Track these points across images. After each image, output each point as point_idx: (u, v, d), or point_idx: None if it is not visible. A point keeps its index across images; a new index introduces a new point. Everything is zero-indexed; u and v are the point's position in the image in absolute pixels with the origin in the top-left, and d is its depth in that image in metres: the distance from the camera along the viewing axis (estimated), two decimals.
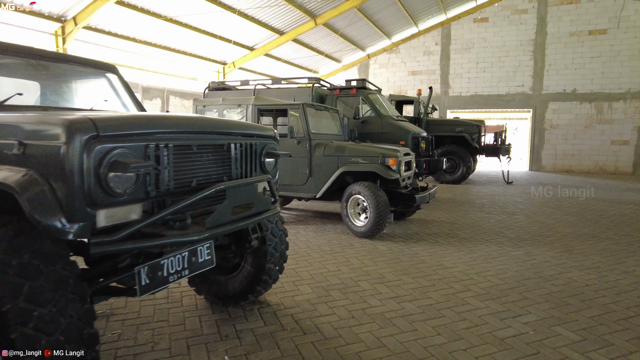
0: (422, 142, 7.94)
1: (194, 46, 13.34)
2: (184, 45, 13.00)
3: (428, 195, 5.71)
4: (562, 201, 8.81)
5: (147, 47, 11.96)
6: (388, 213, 5.29)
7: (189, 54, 13.53)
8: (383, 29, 16.74)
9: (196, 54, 13.85)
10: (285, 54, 16.15)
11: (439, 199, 8.88)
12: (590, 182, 12.59)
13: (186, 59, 13.75)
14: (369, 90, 8.36)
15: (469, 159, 11.37)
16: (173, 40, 12.43)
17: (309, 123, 5.83)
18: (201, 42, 13.09)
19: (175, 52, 12.96)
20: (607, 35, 15.25)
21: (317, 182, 5.82)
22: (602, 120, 15.51)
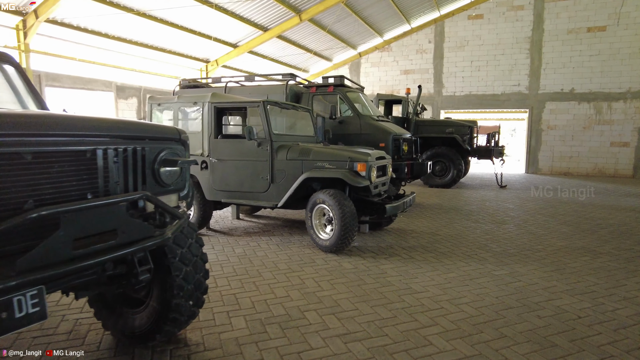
0: (404, 144, 7.30)
1: (174, 43, 12.72)
2: (162, 42, 12.38)
3: (402, 205, 5.07)
4: (558, 208, 8.17)
5: (121, 44, 11.34)
6: (355, 225, 4.65)
7: (168, 51, 12.90)
8: (374, 26, 16.12)
9: (176, 51, 13.23)
10: (272, 52, 15.53)
11: (424, 205, 8.25)
12: (589, 185, 11.95)
13: (166, 57, 13.13)
14: (347, 88, 7.73)
15: (460, 161, 10.73)
16: (149, 37, 11.81)
17: (270, 123, 5.20)
18: (181, 39, 12.47)
19: (153, 49, 12.33)
20: (606, 32, 14.62)
21: (280, 190, 5.18)
22: (601, 121, 14.88)
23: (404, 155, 7.33)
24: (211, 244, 5.33)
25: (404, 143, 7.30)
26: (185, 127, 5.80)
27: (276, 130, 5.40)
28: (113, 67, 11.77)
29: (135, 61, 12.41)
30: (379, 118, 7.53)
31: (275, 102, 5.49)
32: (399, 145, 7.11)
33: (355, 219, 4.62)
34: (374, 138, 7.13)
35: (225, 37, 13.43)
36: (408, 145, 7.44)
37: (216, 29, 12.57)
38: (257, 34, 13.57)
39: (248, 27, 13.07)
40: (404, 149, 7.25)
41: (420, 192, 10.13)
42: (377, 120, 7.41)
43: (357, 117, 7.29)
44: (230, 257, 4.76)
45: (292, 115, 6.24)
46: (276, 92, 7.64)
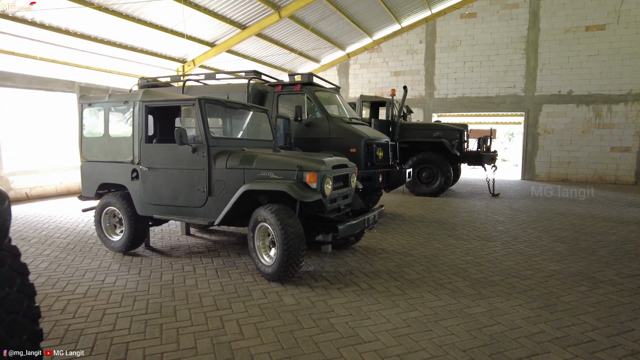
0: (379, 150, 6.48)
1: (145, 42, 11.93)
2: (132, 40, 11.59)
3: (362, 222, 4.23)
4: (553, 220, 7.33)
5: (85, 42, 10.55)
6: (303, 248, 3.82)
7: (139, 50, 12.11)
8: (361, 26, 15.35)
9: (149, 50, 12.43)
10: (253, 51, 14.75)
11: (404, 217, 7.42)
12: (588, 194, 11.11)
13: (137, 56, 12.33)
14: (317, 87, 6.93)
15: (448, 168, 9.91)
16: (117, 35, 11.02)
17: (206, 124, 4.38)
18: (152, 38, 11.69)
19: (121, 47, 11.54)
20: (605, 31, 13.84)
21: (219, 204, 4.35)
22: (601, 125, 14.07)
23: (379, 162, 6.50)
24: (139, 267, 4.50)
25: (379, 148, 6.47)
26: (117, 130, 4.98)
27: (216, 133, 4.59)
28: (76, 66, 10.98)
29: (102, 60, 11.62)
30: (352, 120, 6.71)
31: (217, 99, 4.67)
32: (372, 151, 6.29)
33: (302, 241, 3.79)
34: (344, 143, 6.31)
35: (201, 36, 12.64)
36: (384, 151, 6.62)
37: (190, 26, 11.79)
38: (235, 32, 12.80)
39: (225, 25, 12.29)
40: (378, 154, 6.43)
41: (404, 202, 9.29)
42: (349, 122, 6.59)
43: (325, 119, 6.48)
44: (152, 286, 3.93)
45: (244, 116, 5.43)
46: (238, 91, 6.86)
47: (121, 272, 4.39)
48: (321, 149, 6.47)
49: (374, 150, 6.28)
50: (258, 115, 5.55)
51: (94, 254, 5.07)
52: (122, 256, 4.97)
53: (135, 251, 5.16)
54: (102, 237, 5.14)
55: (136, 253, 5.10)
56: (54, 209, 8.11)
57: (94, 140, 5.19)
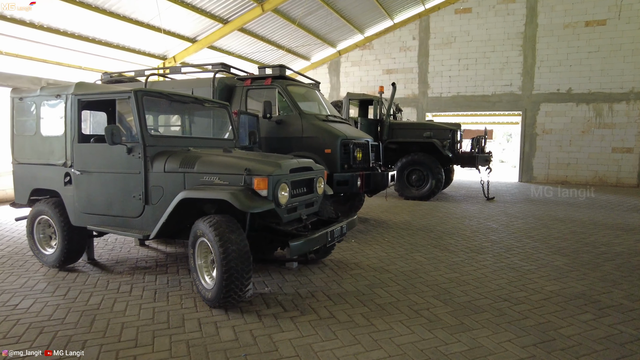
0: (358, 150, 5.82)
1: (122, 37, 11.28)
2: (107, 35, 10.94)
3: (325, 236, 3.57)
4: (551, 227, 6.68)
5: (53, 36, 9.89)
6: (248, 269, 3.17)
7: (115, 45, 11.45)
8: (352, 22, 14.72)
9: (126, 46, 11.78)
10: (238, 48, 14.09)
11: (388, 224, 6.76)
12: (589, 197, 10.47)
13: (114, 53, 11.68)
14: (290, 80, 6.28)
15: (439, 170, 9.26)
16: (89, 29, 10.37)
17: (143, 120, 3.72)
18: (129, 33, 11.03)
19: (94, 43, 10.89)
20: (606, 26, 13.22)
21: (157, 214, 3.70)
22: (601, 125, 13.44)
23: (358, 164, 5.85)
24: (68, 287, 3.85)
25: (357, 149, 5.82)
26: (49, 128, 4.33)
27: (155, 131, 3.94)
28: (42, 61, 10.32)
29: (73, 56, 10.97)
30: (328, 118, 6.05)
31: (158, 92, 4.03)
32: (349, 152, 5.63)
33: (246, 261, 3.14)
34: (318, 143, 5.66)
35: (181, 31, 12.00)
36: (363, 152, 5.96)
37: (168, 21, 11.14)
38: (217, 27, 12.15)
39: (205, 19, 11.64)
40: (357, 155, 5.77)
41: (391, 207, 8.64)
42: (325, 120, 5.94)
43: (298, 116, 5.82)
44: (72, 313, 3.28)
45: (200, 112, 4.78)
46: (203, 86, 6.22)
47: (45, 293, 3.73)
48: (293, 149, 5.83)
49: (351, 151, 5.62)
50: (217, 111, 4.91)
51: (25, 269, 4.41)
52: (56, 272, 4.32)
53: (74, 265, 4.50)
54: (35, 250, 4.49)
55: (74, 268, 4.44)
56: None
57: (26, 139, 4.54)
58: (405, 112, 15.75)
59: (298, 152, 5.77)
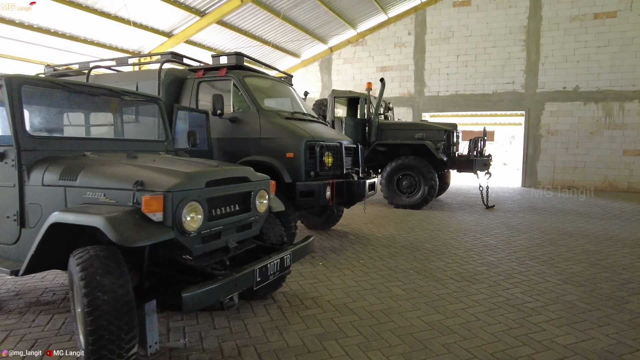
0: (328, 154, 4.85)
1: (89, 30, 10.40)
2: (72, 28, 10.05)
3: (252, 275, 2.59)
4: (560, 244, 5.69)
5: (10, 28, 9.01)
6: (130, 325, 2.20)
7: (82, 40, 10.56)
8: (343, 16, 13.78)
9: (95, 40, 10.89)
10: (219, 43, 13.17)
11: (369, 239, 5.79)
12: (599, 205, 9.46)
13: (83, 48, 10.80)
14: (249, 71, 5.33)
15: (432, 175, 8.28)
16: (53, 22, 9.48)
17: (18, 117, 2.78)
18: (97, 25, 10.14)
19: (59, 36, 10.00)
20: (617, 18, 12.22)
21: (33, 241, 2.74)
22: (611, 125, 12.42)
23: (328, 171, 4.87)
24: None
25: (327, 152, 4.84)
26: None
27: (42, 131, 3.00)
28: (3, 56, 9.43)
29: (33, 51, 10.09)
30: (294, 116, 5.08)
31: (51, 81, 3.08)
32: (316, 155, 4.66)
33: (125, 316, 2.17)
34: (277, 144, 4.70)
35: (155, 24, 11.10)
36: (335, 156, 4.99)
37: (140, 13, 10.25)
38: (194, 19, 11.24)
39: (180, 11, 10.74)
40: (326, 160, 4.80)
41: (377, 217, 7.66)
42: (290, 118, 4.97)
43: (256, 113, 4.86)
44: None
45: (123, 107, 3.84)
46: (150, 78, 5.29)
47: None
48: (250, 152, 4.87)
49: (318, 155, 4.64)
50: (145, 107, 3.97)
51: None
52: None
53: None
54: None
55: None
56: None
57: None
58: (401, 112, 14.81)
59: (255, 156, 4.81)
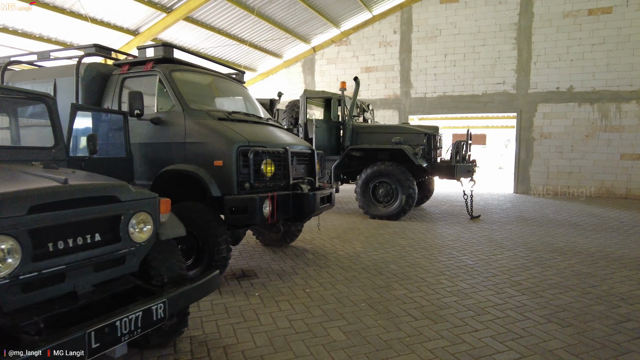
0: (268, 162, 4.06)
1: (45, 27, 9.64)
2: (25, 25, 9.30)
3: (82, 342, 1.80)
4: (548, 266, 4.91)
5: None
6: None
7: (37, 37, 9.80)
8: (323, 13, 13.05)
9: (53, 38, 10.13)
10: (192, 42, 12.41)
11: (329, 259, 5.00)
12: (595, 214, 8.68)
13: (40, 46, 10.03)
14: (178, 65, 4.55)
15: (410, 182, 7.51)
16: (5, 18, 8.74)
17: None
18: (52, 22, 9.39)
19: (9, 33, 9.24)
20: (613, 15, 11.51)
21: None
22: (608, 127, 11.68)
23: (267, 182, 4.07)
24: None
25: (267, 160, 4.05)
26: None
27: None
28: None
29: None
30: (232, 116, 4.30)
31: None
32: (251, 164, 3.86)
33: None
34: (204, 151, 3.91)
35: (118, 22, 10.35)
36: (278, 164, 4.20)
37: (100, 9, 9.51)
38: (160, 16, 10.49)
39: (146, 8, 10.00)
40: (265, 169, 4.02)
41: (348, 229, 6.87)
42: (224, 119, 4.18)
43: (182, 113, 4.08)
44: None
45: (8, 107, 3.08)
46: (69, 74, 4.52)
47: None
48: (174, 160, 4.08)
49: (252, 163, 3.85)
50: (30, 107, 3.21)
51: None
52: None
53: None
54: None
55: None
56: None
57: None
58: (387, 115, 14.06)
59: (179, 165, 4.03)
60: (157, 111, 4.23)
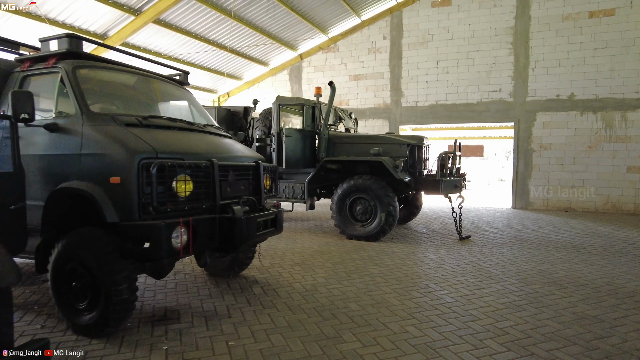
0: (183, 179, 3.21)
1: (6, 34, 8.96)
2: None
3: None
4: (544, 306, 4.01)
5: None
6: None
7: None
8: (308, 17, 12.37)
9: None
10: (166, 47, 11.70)
11: (279, 294, 4.13)
12: (601, 233, 7.77)
13: None
14: (87, 60, 3.75)
15: (391, 199, 6.64)
16: None
17: None
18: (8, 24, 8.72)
19: None
20: (615, 17, 10.73)
21: None
22: (613, 138, 10.81)
23: (181, 204, 3.21)
24: None
25: (183, 176, 3.21)
26: None
27: None
28: None
29: None
30: (151, 121, 3.48)
31: None
32: (155, 180, 3.01)
33: None
34: (100, 164, 3.09)
35: (85, 25, 9.66)
36: (197, 181, 3.34)
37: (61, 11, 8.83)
38: (129, 19, 9.80)
39: (113, 10, 9.32)
40: (178, 187, 3.18)
41: (317, 252, 5.98)
42: (138, 124, 3.36)
43: (80, 118, 3.27)
44: None
45: None
46: None
47: None
48: (70, 176, 3.25)
49: (154, 179, 2.98)
50: None
51: None
52: None
53: None
54: None
55: None
56: None
57: None
58: (376, 125, 13.27)
59: (74, 182, 3.20)
60: (55, 116, 3.42)
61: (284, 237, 7.24)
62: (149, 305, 3.93)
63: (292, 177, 7.95)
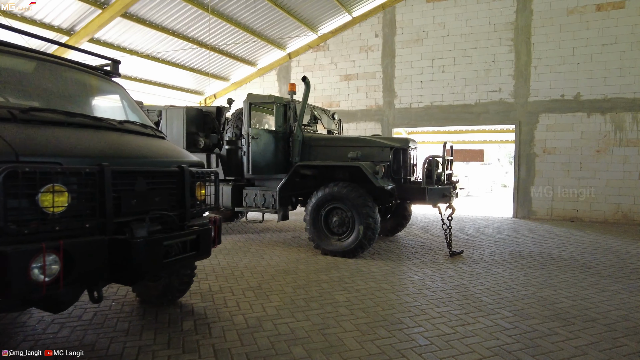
0: (51, 190, 2.39)
1: None
2: None
3: None
4: (542, 350, 3.16)
5: None
6: None
7: None
8: (294, 13, 11.62)
9: None
10: (142, 44, 10.97)
11: (215, 330, 3.31)
12: (611, 248, 6.88)
13: None
14: None
15: (370, 209, 5.81)
16: None
17: None
18: None
19: None
20: (625, 10, 9.88)
21: None
22: (623, 141, 9.91)
23: (51, 223, 2.35)
24: None
25: (54, 186, 2.39)
26: None
27: None
28: None
29: None
30: (32, 116, 2.68)
31: None
32: (3, 193, 2.15)
33: None
34: None
35: (49, 19, 8.96)
36: (76, 192, 2.48)
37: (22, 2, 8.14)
38: (95, 12, 9.09)
39: (78, 3, 8.62)
40: (47, 202, 2.35)
41: (285, 270, 5.14)
42: (7, 119, 2.56)
43: None
44: None
45: None
46: None
47: None
48: None
49: (3, 191, 2.15)
50: None
51: None
52: None
53: None
54: None
55: None
56: None
57: None
58: (368, 128, 12.46)
59: None
60: None
61: (251, 252, 6.42)
62: (43, 345, 3.11)
63: (263, 183, 7.14)
